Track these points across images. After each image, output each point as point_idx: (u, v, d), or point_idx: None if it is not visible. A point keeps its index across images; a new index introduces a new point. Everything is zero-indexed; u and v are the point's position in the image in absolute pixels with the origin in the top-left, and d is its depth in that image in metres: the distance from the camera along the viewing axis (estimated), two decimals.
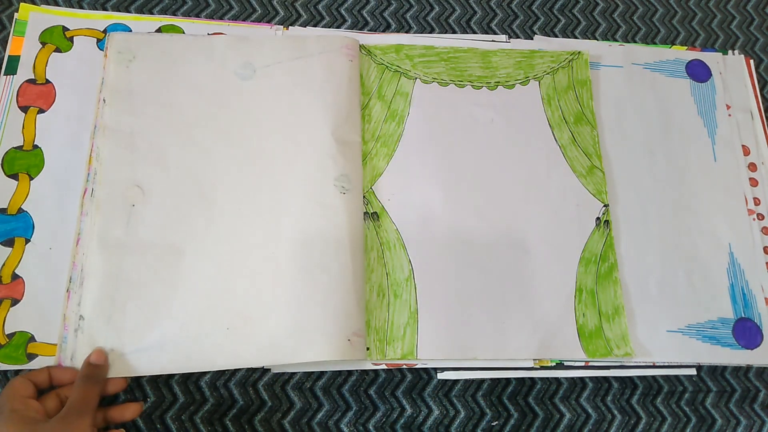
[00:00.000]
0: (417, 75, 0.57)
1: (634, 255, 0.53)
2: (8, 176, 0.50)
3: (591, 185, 0.55)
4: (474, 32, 0.62)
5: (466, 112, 0.56)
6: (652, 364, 0.50)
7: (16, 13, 0.55)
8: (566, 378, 0.51)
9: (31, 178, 0.50)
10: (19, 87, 0.52)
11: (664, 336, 0.51)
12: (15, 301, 0.47)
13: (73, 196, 0.49)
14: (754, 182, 0.57)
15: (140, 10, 0.58)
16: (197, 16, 0.58)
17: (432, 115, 0.55)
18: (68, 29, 0.55)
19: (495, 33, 0.62)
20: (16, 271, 0.47)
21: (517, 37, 0.62)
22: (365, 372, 0.49)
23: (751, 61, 0.63)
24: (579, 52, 0.59)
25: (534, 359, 0.49)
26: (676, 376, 0.52)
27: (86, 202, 0.48)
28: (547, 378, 0.50)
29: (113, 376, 0.44)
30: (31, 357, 0.45)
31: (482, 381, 0.50)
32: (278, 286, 0.47)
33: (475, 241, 0.51)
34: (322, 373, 0.49)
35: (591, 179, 0.55)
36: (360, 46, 0.57)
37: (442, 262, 0.51)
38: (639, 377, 0.51)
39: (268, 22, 0.59)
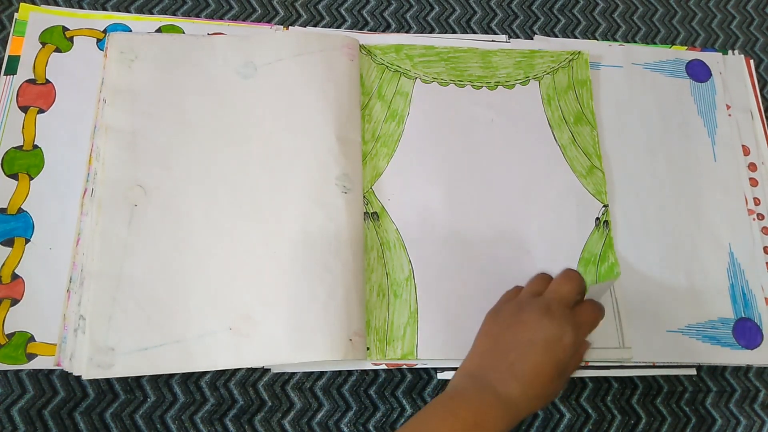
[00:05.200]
0: (417, 75, 0.57)
1: (634, 255, 0.53)
2: (8, 176, 0.50)
3: (591, 185, 0.55)
4: (474, 32, 0.62)
5: (466, 112, 0.56)
6: (652, 364, 0.50)
7: (16, 13, 0.55)
8: None
9: (31, 178, 0.50)
10: (19, 87, 0.52)
11: (664, 336, 0.51)
12: (15, 301, 0.47)
13: (73, 196, 0.49)
14: (754, 182, 0.57)
15: (140, 10, 0.58)
16: (197, 16, 0.58)
17: (432, 115, 0.55)
18: (68, 29, 0.55)
19: (495, 33, 0.62)
20: (15, 271, 0.47)
21: (517, 37, 0.62)
22: (365, 372, 0.49)
23: (751, 61, 0.63)
24: (579, 52, 0.59)
25: None
26: (676, 376, 0.52)
27: (86, 202, 0.48)
28: None
29: (114, 376, 0.44)
30: (30, 357, 0.45)
31: None
32: (279, 285, 0.47)
33: (475, 240, 0.51)
34: (322, 373, 0.49)
35: (591, 179, 0.55)
36: (360, 46, 0.57)
37: (442, 262, 0.50)
38: (639, 377, 0.51)
39: (268, 22, 0.59)
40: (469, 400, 0.37)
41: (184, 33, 0.56)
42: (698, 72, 0.61)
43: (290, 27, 0.58)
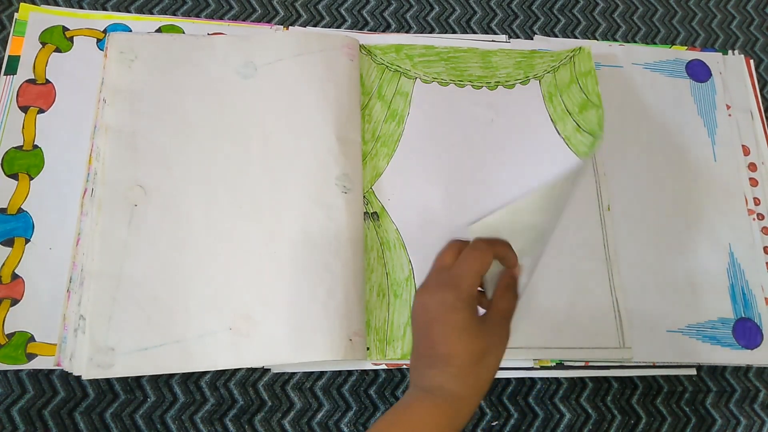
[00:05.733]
0: (417, 75, 0.57)
1: (634, 255, 0.53)
2: (8, 176, 0.50)
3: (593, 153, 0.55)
4: (474, 32, 0.62)
5: (466, 112, 0.56)
6: (652, 364, 0.50)
7: (16, 13, 0.55)
8: (566, 378, 0.51)
9: (31, 178, 0.50)
10: (19, 87, 0.52)
11: (664, 336, 0.51)
12: (15, 301, 0.47)
13: (73, 196, 0.49)
14: (754, 182, 0.57)
15: (140, 10, 0.58)
16: (197, 16, 0.58)
17: (432, 114, 0.55)
18: (68, 29, 0.55)
19: (495, 33, 0.62)
20: (16, 271, 0.47)
21: (517, 37, 0.62)
22: (365, 372, 0.49)
23: (751, 61, 0.63)
24: (581, 48, 0.59)
25: (534, 359, 0.49)
26: (676, 376, 0.52)
27: (86, 202, 0.48)
28: (547, 378, 0.50)
29: (114, 377, 0.44)
30: (30, 357, 0.45)
31: None
32: (279, 285, 0.47)
33: None
34: (322, 373, 0.49)
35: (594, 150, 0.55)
36: (360, 46, 0.57)
37: None
38: (639, 377, 0.51)
39: (268, 22, 0.59)
40: (406, 410, 0.36)
41: (184, 33, 0.56)
42: (698, 72, 0.61)
43: (290, 27, 0.58)
